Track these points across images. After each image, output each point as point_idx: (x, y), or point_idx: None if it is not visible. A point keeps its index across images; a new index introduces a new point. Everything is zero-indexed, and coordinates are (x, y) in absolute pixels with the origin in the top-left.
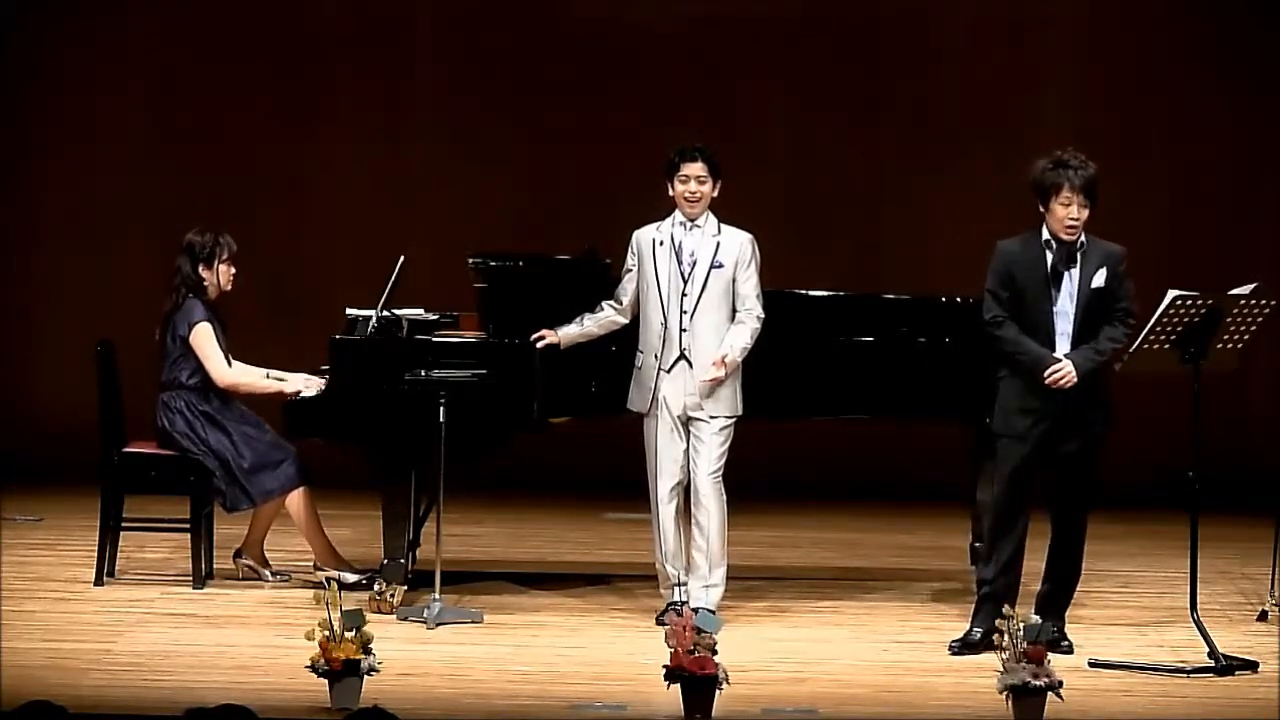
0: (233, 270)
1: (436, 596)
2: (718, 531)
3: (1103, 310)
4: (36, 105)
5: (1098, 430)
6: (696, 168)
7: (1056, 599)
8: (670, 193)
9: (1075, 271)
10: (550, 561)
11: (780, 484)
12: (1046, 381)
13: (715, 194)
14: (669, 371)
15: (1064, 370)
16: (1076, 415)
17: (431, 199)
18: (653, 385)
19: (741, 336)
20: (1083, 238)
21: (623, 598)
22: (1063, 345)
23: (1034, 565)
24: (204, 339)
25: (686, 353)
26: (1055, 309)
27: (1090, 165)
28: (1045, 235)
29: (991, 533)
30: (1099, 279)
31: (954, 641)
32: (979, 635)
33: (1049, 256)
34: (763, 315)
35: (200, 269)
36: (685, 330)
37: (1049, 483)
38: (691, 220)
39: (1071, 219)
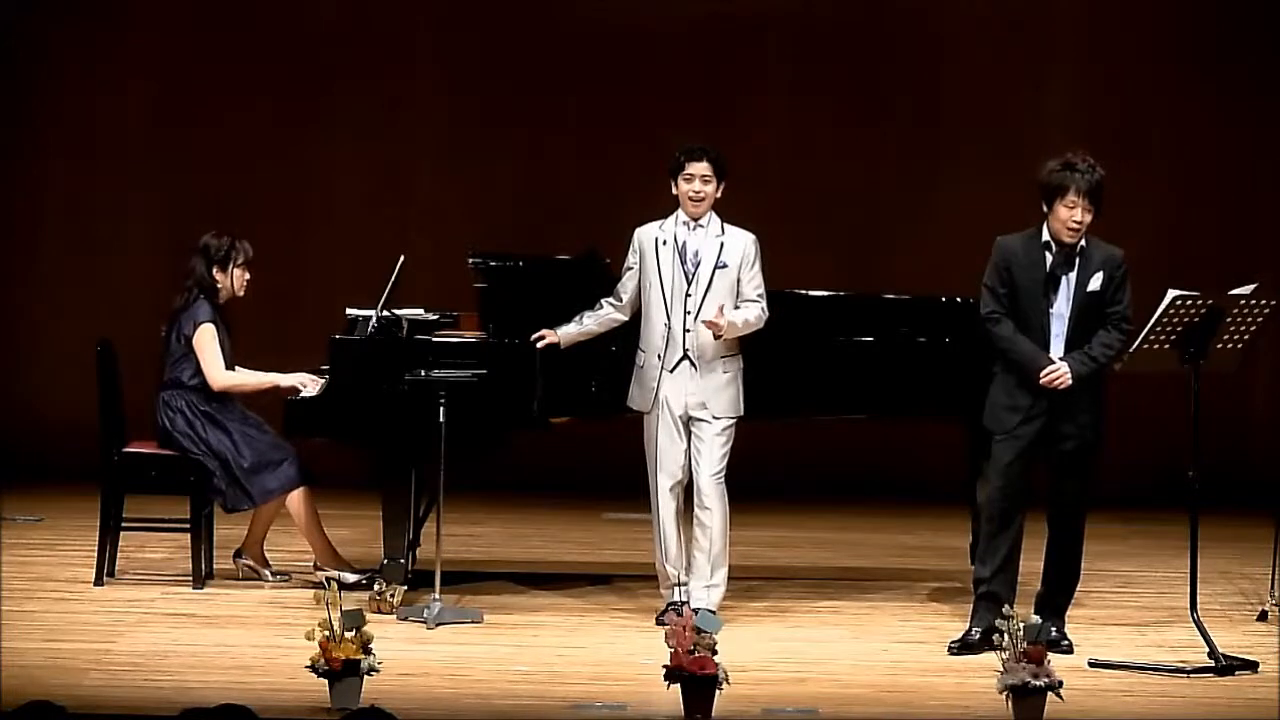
0: (247, 276)
1: (436, 596)
2: (720, 532)
3: (1098, 314)
4: (37, 105)
5: (1087, 435)
6: (701, 167)
7: (1055, 599)
8: (674, 191)
9: (1073, 274)
10: (550, 561)
11: (780, 484)
12: (1041, 382)
13: (719, 194)
14: (672, 371)
15: (1060, 372)
16: (1067, 417)
17: (431, 199)
18: (655, 385)
19: (750, 311)
20: (1083, 240)
21: (623, 598)
22: (1057, 347)
23: (1033, 565)
24: (206, 340)
25: (690, 353)
26: (1052, 310)
27: (1098, 170)
28: (1046, 236)
29: (987, 531)
30: (1095, 282)
31: (953, 642)
32: (978, 635)
33: (1048, 258)
34: (767, 312)
35: (215, 271)
36: (689, 330)
37: (1046, 483)
38: (695, 220)
39: (1075, 221)
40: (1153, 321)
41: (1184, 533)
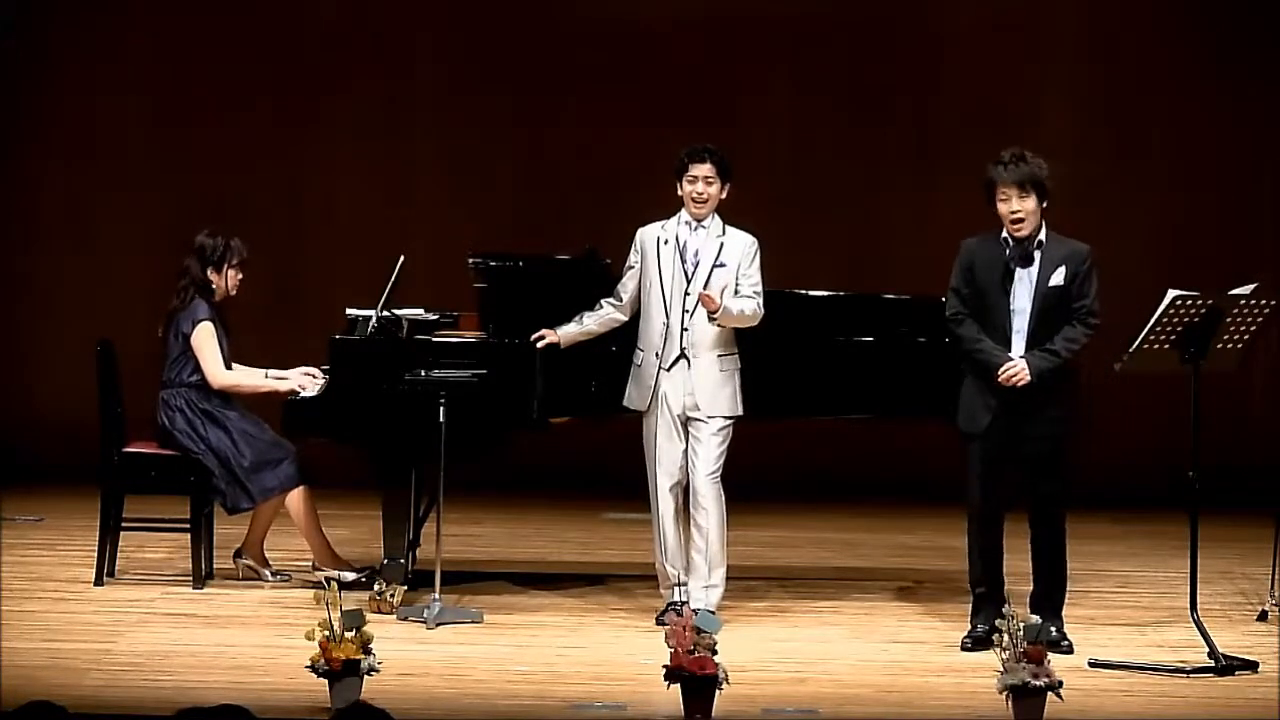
0: (240, 276)
1: (436, 596)
2: (717, 532)
3: (1063, 309)
4: (37, 106)
5: (1057, 431)
6: (705, 169)
7: (1048, 598)
8: (679, 192)
9: (1033, 269)
10: (550, 561)
11: (780, 484)
12: (999, 380)
13: (723, 195)
14: (669, 370)
15: (1017, 369)
16: (1032, 416)
17: (431, 199)
18: (653, 383)
19: (746, 304)
20: (1042, 235)
21: (623, 598)
22: (1018, 343)
23: (1027, 565)
24: (205, 338)
25: (687, 351)
26: (1012, 306)
27: (1027, 161)
28: (1004, 233)
29: (973, 531)
30: (1058, 277)
31: (965, 638)
32: (984, 630)
33: (1005, 254)
34: (763, 310)
35: (209, 271)
36: (686, 330)
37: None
38: (697, 220)
39: (1012, 213)
40: (1153, 321)
41: (1184, 533)
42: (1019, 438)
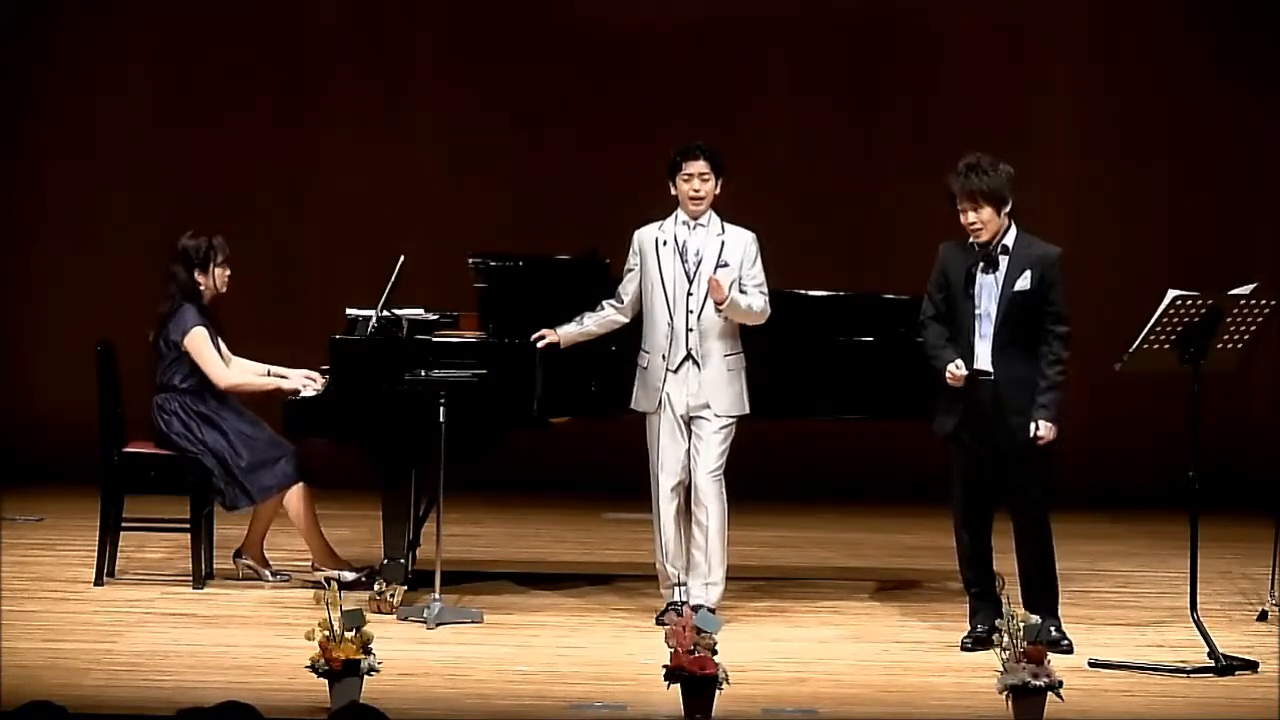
0: (228, 272)
1: (436, 596)
2: (717, 530)
3: (1032, 313)
4: (36, 106)
5: (1024, 435)
6: (699, 165)
7: (1038, 600)
8: (673, 192)
9: (999, 274)
10: (550, 561)
11: (780, 484)
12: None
13: (718, 191)
14: (675, 371)
15: (1044, 439)
16: (1000, 420)
17: (431, 199)
18: (660, 385)
19: (754, 299)
20: (1009, 239)
21: (623, 598)
22: (982, 348)
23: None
24: (200, 344)
25: (694, 352)
26: (977, 311)
27: (983, 173)
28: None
29: (960, 534)
30: (1024, 282)
31: (965, 638)
32: (984, 630)
33: (971, 258)
34: (770, 308)
35: (195, 274)
36: (692, 330)
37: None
38: (695, 219)
39: (968, 224)
40: (1153, 321)
41: (1184, 533)
42: (991, 441)
